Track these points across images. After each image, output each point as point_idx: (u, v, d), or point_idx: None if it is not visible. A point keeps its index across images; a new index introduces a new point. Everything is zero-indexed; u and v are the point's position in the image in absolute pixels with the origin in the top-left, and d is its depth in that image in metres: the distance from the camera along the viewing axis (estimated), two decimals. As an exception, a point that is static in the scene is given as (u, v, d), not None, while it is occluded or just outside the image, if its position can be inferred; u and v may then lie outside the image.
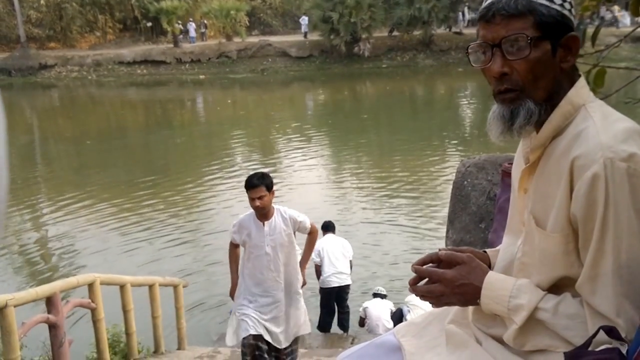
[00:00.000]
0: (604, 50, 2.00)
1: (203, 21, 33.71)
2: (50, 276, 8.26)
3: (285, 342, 4.07)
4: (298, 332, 4.17)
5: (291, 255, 4.06)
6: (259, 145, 17.06)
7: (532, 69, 1.14)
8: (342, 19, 28.85)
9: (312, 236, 4.24)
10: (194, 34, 32.95)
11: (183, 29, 32.90)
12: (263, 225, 3.95)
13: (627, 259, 1.06)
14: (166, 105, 24.98)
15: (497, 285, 1.20)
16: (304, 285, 4.30)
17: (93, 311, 4.52)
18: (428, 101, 24.39)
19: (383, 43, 31.61)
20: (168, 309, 5.79)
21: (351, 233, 9.11)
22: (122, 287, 4.90)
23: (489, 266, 1.36)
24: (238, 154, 15.63)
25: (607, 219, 1.06)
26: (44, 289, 3.95)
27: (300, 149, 15.41)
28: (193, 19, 33.43)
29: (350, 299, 6.87)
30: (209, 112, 23.85)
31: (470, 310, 1.33)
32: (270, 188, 3.87)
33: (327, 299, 6.65)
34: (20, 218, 10.79)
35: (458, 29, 32.62)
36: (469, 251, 1.30)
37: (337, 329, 6.78)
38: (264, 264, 3.95)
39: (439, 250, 1.30)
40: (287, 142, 16.63)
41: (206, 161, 14.73)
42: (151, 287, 5.34)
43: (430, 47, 31.23)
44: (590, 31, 1.88)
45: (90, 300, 4.49)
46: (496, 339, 1.25)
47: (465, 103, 22.69)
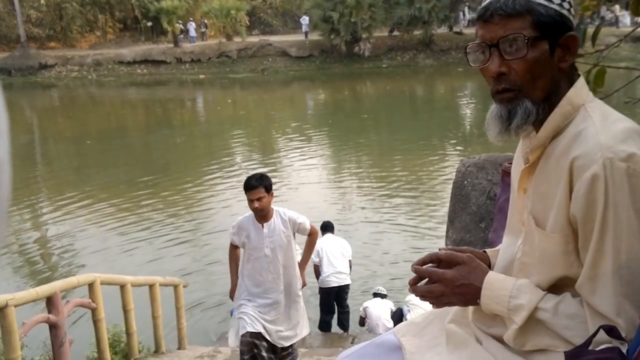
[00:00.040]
0: (604, 50, 2.00)
1: (203, 21, 33.71)
2: (50, 276, 8.26)
3: (283, 342, 4.06)
4: (296, 334, 4.15)
5: (291, 256, 4.04)
6: (259, 144, 17.06)
7: (530, 69, 1.14)
8: (343, 19, 28.84)
9: (312, 238, 4.21)
10: (194, 34, 32.94)
11: (183, 29, 32.89)
12: (262, 227, 3.92)
13: (627, 259, 1.06)
14: (166, 105, 24.97)
15: (497, 285, 1.20)
16: (304, 286, 4.28)
17: (93, 311, 4.53)
18: (428, 101, 24.38)
19: (383, 43, 31.60)
20: (168, 309, 5.80)
21: (351, 232, 9.12)
22: (123, 287, 4.91)
23: (489, 266, 1.37)
24: (238, 154, 15.62)
25: (607, 219, 1.06)
26: (45, 289, 3.96)
27: (300, 149, 15.41)
28: (193, 19, 33.43)
29: (350, 298, 6.87)
30: (209, 112, 23.85)
31: (470, 309, 1.33)
32: (269, 189, 3.83)
33: (326, 299, 6.65)
34: (20, 218, 10.80)
35: (458, 29, 32.60)
36: (469, 251, 1.30)
37: (338, 329, 6.78)
38: (263, 266, 3.94)
39: (439, 249, 1.31)
40: (287, 142, 16.62)
41: (206, 161, 14.72)
42: (151, 287, 5.35)
43: (430, 47, 31.22)
44: (590, 31, 1.88)
45: (90, 300, 4.50)
46: (496, 339, 1.25)
47: (465, 103, 22.68)
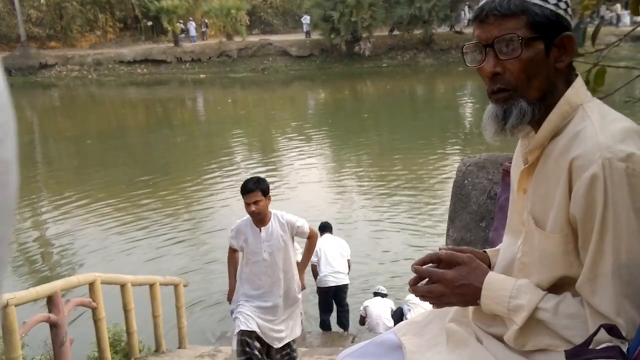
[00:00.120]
0: (604, 49, 2.00)
1: (204, 20, 33.68)
2: (50, 275, 8.27)
3: (277, 343, 4.04)
4: (289, 335, 4.14)
5: (290, 260, 4.00)
6: (259, 144, 17.06)
7: (525, 69, 1.14)
8: (343, 18, 28.82)
9: (312, 241, 4.16)
10: (195, 33, 32.92)
11: (184, 28, 32.88)
12: (260, 231, 3.88)
13: (627, 259, 1.07)
14: (166, 104, 24.97)
15: (497, 285, 1.20)
16: (303, 289, 4.24)
17: (94, 310, 4.53)
18: (428, 100, 24.37)
19: (383, 42, 31.58)
20: (168, 308, 5.80)
21: (351, 231, 9.13)
22: (123, 287, 4.91)
23: (489, 266, 1.37)
24: (238, 153, 15.62)
25: (606, 220, 1.06)
26: (45, 288, 3.96)
27: (300, 148, 15.41)
28: (193, 18, 33.41)
29: (351, 296, 6.88)
30: (210, 111, 23.84)
31: (470, 308, 1.33)
32: (266, 193, 3.78)
33: (325, 298, 6.65)
34: (20, 217, 10.80)
35: (459, 28, 32.59)
36: (469, 251, 1.30)
37: (338, 328, 6.78)
38: (262, 270, 3.91)
39: (440, 249, 1.31)
40: (288, 141, 16.62)
41: (206, 160, 14.72)
42: (152, 287, 5.35)
43: (430, 47, 31.20)
44: (590, 30, 1.88)
45: (91, 299, 4.50)
46: (497, 338, 1.26)
47: (465, 102, 22.66)
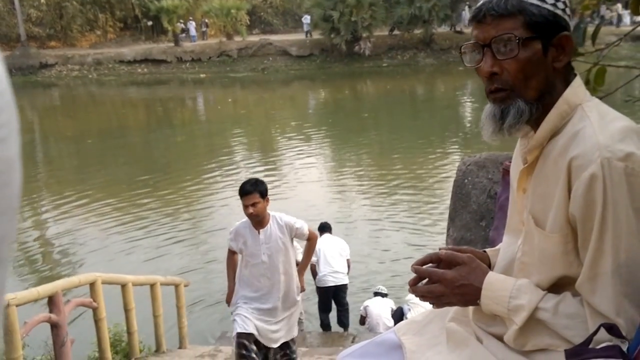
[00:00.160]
0: (604, 48, 2.00)
1: (204, 20, 33.67)
2: (50, 275, 8.27)
3: (273, 344, 4.03)
4: (285, 335, 4.12)
5: (289, 262, 3.98)
6: (259, 143, 17.06)
7: (522, 69, 1.15)
8: (343, 18, 28.81)
9: (311, 243, 4.14)
10: (195, 33, 32.91)
11: (184, 28, 32.87)
12: (258, 233, 3.86)
13: (627, 258, 1.07)
14: (167, 104, 24.97)
15: (497, 285, 1.20)
16: (303, 291, 4.22)
17: (95, 310, 4.53)
18: (428, 100, 24.36)
19: (384, 42, 31.56)
20: (169, 308, 5.80)
21: (351, 230, 9.13)
22: (124, 287, 4.91)
23: (489, 266, 1.37)
24: (238, 153, 15.63)
25: (606, 219, 1.06)
26: (46, 289, 3.96)
27: (300, 148, 15.41)
28: (194, 18, 33.40)
29: (351, 296, 6.88)
30: (210, 111, 23.84)
31: (470, 308, 1.33)
32: (264, 195, 3.76)
33: (324, 298, 6.65)
34: (20, 216, 10.80)
35: (459, 28, 32.58)
36: (469, 251, 1.30)
37: (338, 327, 6.79)
38: (261, 272, 3.90)
39: (440, 249, 1.31)
40: (288, 141, 16.62)
41: (206, 159, 14.72)
42: (152, 287, 5.35)
43: (430, 46, 31.19)
44: (590, 30, 1.88)
45: (92, 299, 4.51)
46: (497, 337, 1.26)
47: (465, 102, 22.66)
